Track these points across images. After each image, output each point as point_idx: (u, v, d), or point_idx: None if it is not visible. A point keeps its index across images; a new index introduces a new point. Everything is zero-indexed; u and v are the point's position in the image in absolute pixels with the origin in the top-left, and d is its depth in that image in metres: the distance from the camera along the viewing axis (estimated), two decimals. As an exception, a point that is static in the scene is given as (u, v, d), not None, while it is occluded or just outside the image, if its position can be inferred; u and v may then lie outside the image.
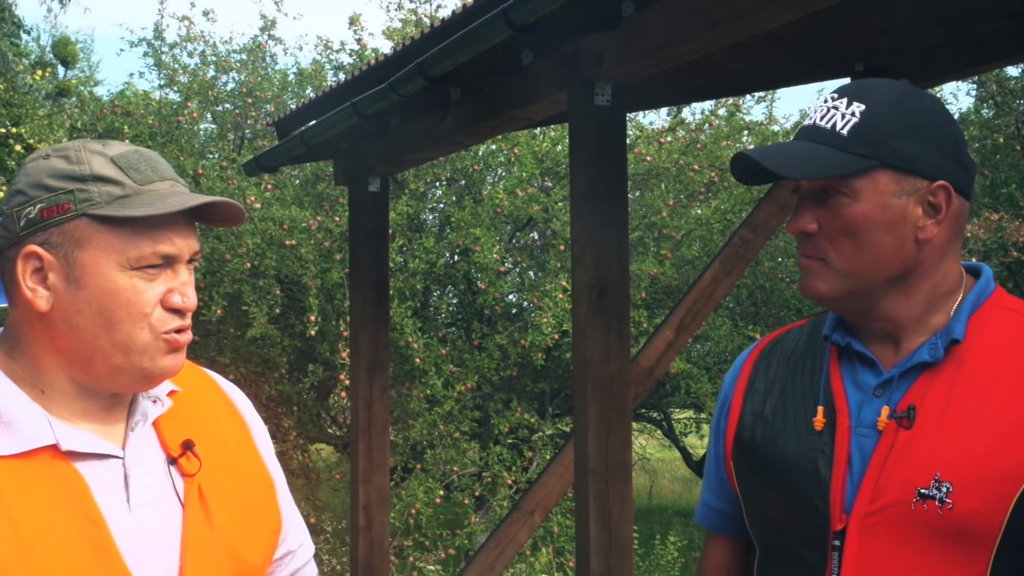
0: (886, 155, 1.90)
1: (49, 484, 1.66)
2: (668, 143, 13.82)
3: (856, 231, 1.92)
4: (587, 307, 4.65)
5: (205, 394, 1.94)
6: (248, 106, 14.72)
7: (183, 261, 1.76)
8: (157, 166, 1.77)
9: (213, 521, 1.78)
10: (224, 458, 1.86)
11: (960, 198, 1.94)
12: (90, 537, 1.66)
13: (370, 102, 5.75)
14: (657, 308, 13.74)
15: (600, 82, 4.63)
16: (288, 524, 1.97)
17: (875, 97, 1.94)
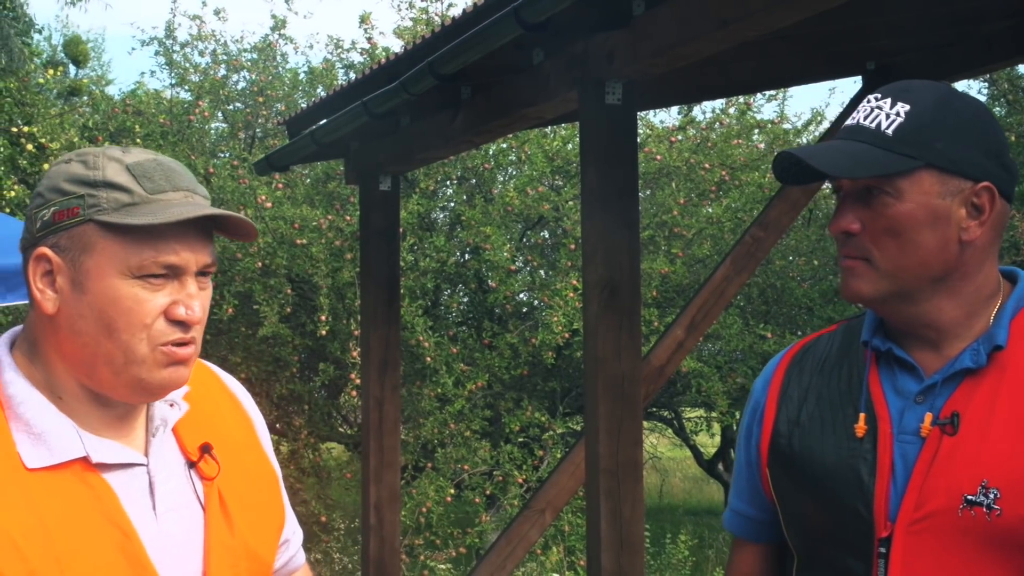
0: (931, 155, 1.89)
1: (81, 495, 1.68)
2: (679, 142, 13.81)
3: (900, 230, 1.91)
4: (598, 306, 4.65)
5: (210, 390, 1.94)
6: (259, 105, 14.74)
7: (190, 273, 1.75)
8: (172, 176, 1.76)
9: (233, 524, 1.81)
10: (235, 457, 1.88)
11: (1003, 200, 1.94)
12: (122, 547, 1.68)
13: (381, 101, 5.75)
14: (668, 307, 13.72)
15: (611, 81, 4.62)
16: (288, 515, 2.02)
17: (919, 97, 1.94)
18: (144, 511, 1.73)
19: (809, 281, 14.61)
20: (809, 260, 14.72)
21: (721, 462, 17.76)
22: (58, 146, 11.11)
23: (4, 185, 9.84)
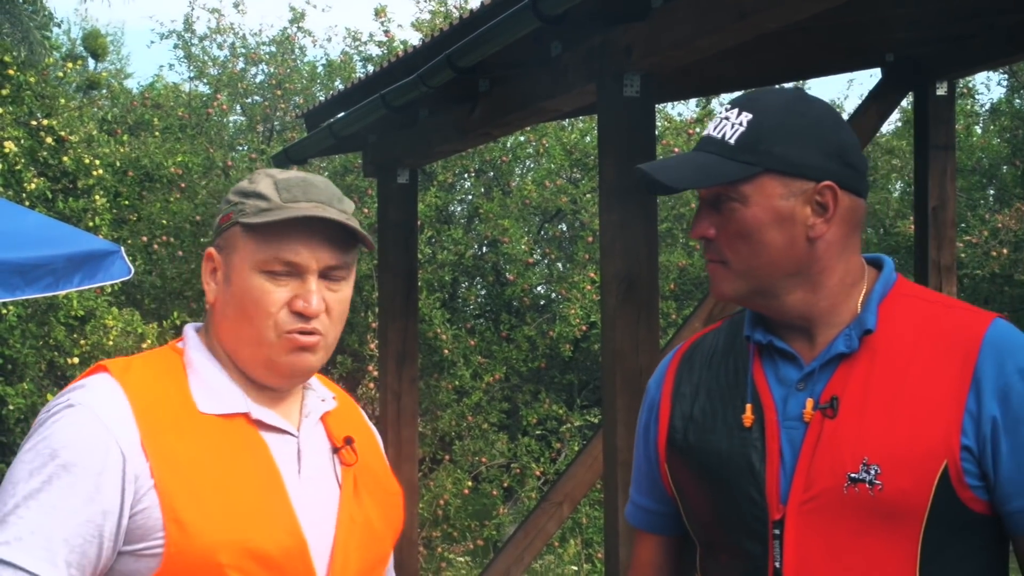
0: (770, 161, 1.99)
1: (240, 440, 1.98)
2: (697, 134, 13.78)
3: (748, 233, 2.01)
4: (616, 299, 4.64)
5: (353, 409, 2.24)
6: (277, 98, 14.76)
7: (311, 271, 2.00)
8: (310, 189, 2.02)
9: (362, 505, 2.06)
10: (368, 460, 2.13)
11: (850, 196, 2.03)
12: (272, 489, 1.97)
13: (399, 94, 5.75)
14: (686, 299, 13.71)
15: (629, 73, 4.61)
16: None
17: (763, 106, 2.05)
18: (291, 470, 2.01)
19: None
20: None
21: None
22: (77, 139, 11.14)
23: (24, 178, 9.86)
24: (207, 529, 1.89)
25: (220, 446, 1.96)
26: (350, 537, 2.01)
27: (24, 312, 9.48)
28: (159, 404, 1.97)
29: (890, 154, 14.78)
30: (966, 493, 1.93)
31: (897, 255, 14.51)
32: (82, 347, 9.86)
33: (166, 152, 13.39)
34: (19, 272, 5.84)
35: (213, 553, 1.89)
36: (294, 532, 1.95)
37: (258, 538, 1.92)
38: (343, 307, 2.05)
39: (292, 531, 1.95)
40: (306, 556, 1.95)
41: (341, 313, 2.05)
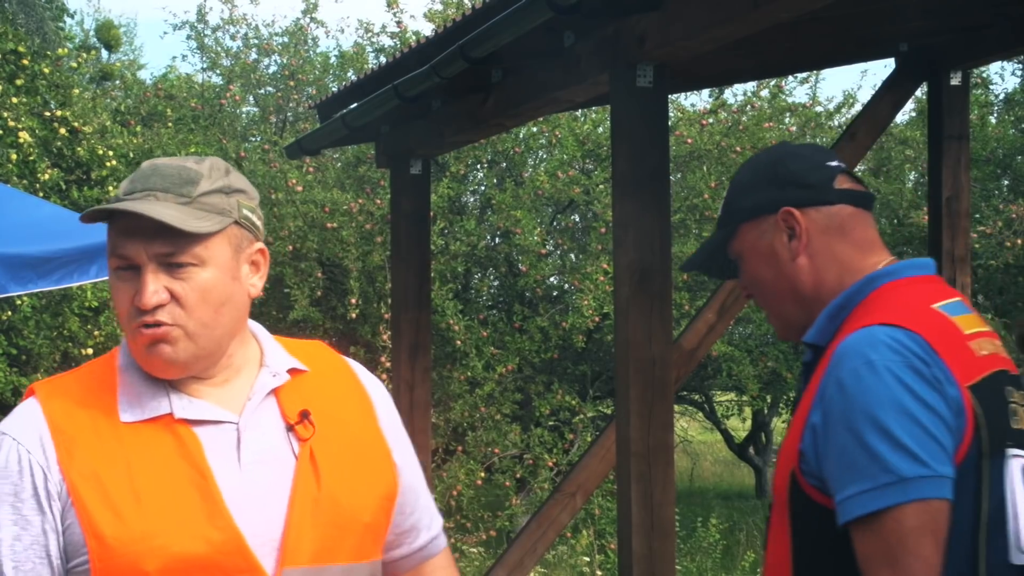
0: (739, 215, 2.33)
1: (165, 443, 1.94)
2: (710, 125, 13.76)
3: (755, 281, 2.34)
4: (629, 290, 4.64)
5: (336, 372, 2.15)
6: (290, 89, 14.76)
7: (144, 264, 1.94)
8: (150, 178, 1.97)
9: (321, 479, 1.98)
10: (340, 425, 2.06)
11: (813, 209, 2.26)
12: (196, 484, 1.92)
13: (411, 84, 5.75)
14: (699, 290, 13.69)
15: (642, 64, 4.60)
16: (410, 498, 2.16)
17: (734, 179, 2.41)
18: (227, 460, 1.96)
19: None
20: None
21: (752, 446, 17.75)
22: (91, 130, 11.15)
23: (39, 168, 9.88)
24: (128, 540, 1.88)
25: (140, 454, 1.93)
26: (303, 516, 1.95)
27: (38, 303, 9.50)
28: (78, 421, 1.96)
29: (904, 144, 14.75)
30: (811, 490, 2.09)
31: (911, 246, 14.49)
32: (96, 338, 9.88)
33: (179, 143, 13.40)
34: (31, 266, 5.86)
35: (138, 563, 1.88)
36: (224, 526, 1.91)
37: (183, 540, 1.89)
38: (198, 294, 1.95)
39: (222, 525, 1.91)
40: (242, 547, 1.91)
41: (197, 300, 1.95)
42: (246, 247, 2.03)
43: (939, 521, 2.00)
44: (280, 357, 2.09)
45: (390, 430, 2.15)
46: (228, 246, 2.00)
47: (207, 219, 1.96)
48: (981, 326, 2.20)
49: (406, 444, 2.18)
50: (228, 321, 2.01)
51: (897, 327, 2.07)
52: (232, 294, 2.01)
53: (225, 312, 2.00)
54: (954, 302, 2.20)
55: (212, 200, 1.99)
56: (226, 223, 1.99)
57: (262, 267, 2.05)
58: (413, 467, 2.17)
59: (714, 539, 11.35)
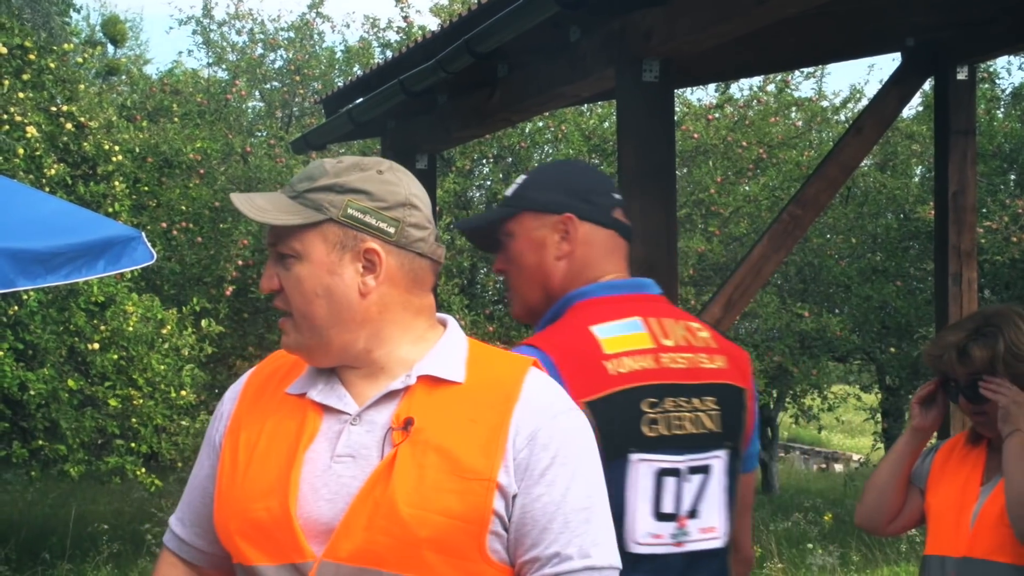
0: (525, 203, 2.63)
1: (293, 419, 2.09)
2: (716, 120, 13.76)
3: (513, 260, 2.66)
4: (635, 284, 4.63)
5: (493, 391, 2.10)
6: (296, 84, 14.77)
7: (271, 252, 2.12)
8: (298, 176, 2.14)
9: (390, 485, 1.99)
10: (443, 442, 2.03)
11: (586, 223, 2.62)
12: (285, 463, 2.04)
13: (417, 79, 5.75)
14: (705, 285, 13.69)
15: (648, 59, 4.60)
16: (531, 531, 2.05)
17: (535, 170, 2.76)
18: (323, 447, 2.05)
19: (847, 259, 14.55)
20: (847, 238, 14.65)
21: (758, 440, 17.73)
22: (97, 125, 11.14)
23: (45, 163, 9.88)
24: (229, 497, 2.09)
25: (275, 423, 2.10)
26: (359, 515, 1.99)
27: (45, 298, 9.50)
28: (265, 384, 2.18)
29: (910, 139, 14.74)
30: None
31: (917, 240, 14.49)
32: (103, 332, 9.88)
33: (185, 138, 13.41)
34: (40, 260, 5.86)
35: (229, 519, 2.08)
36: (283, 502, 2.01)
37: (256, 507, 2.04)
38: (295, 284, 2.08)
39: (282, 500, 2.02)
40: (289, 525, 2.00)
41: (293, 290, 2.08)
42: (351, 245, 2.07)
43: None
44: (431, 362, 2.10)
45: (518, 459, 2.06)
46: (323, 242, 2.08)
47: (298, 214, 2.08)
48: (642, 344, 2.54)
49: (555, 479, 2.06)
50: (325, 314, 2.07)
51: (533, 347, 2.45)
52: (330, 288, 2.07)
53: (321, 305, 2.07)
54: (625, 322, 2.57)
55: (316, 196, 2.08)
56: (316, 218, 2.07)
57: (379, 267, 2.08)
58: (550, 502, 2.06)
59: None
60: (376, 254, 2.07)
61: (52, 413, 9.72)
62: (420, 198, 2.15)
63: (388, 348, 2.10)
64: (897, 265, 14.47)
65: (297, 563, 2.01)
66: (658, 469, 2.51)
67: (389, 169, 2.15)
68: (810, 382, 14.67)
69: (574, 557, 2.04)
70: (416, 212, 2.12)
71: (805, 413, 16.84)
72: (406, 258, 2.10)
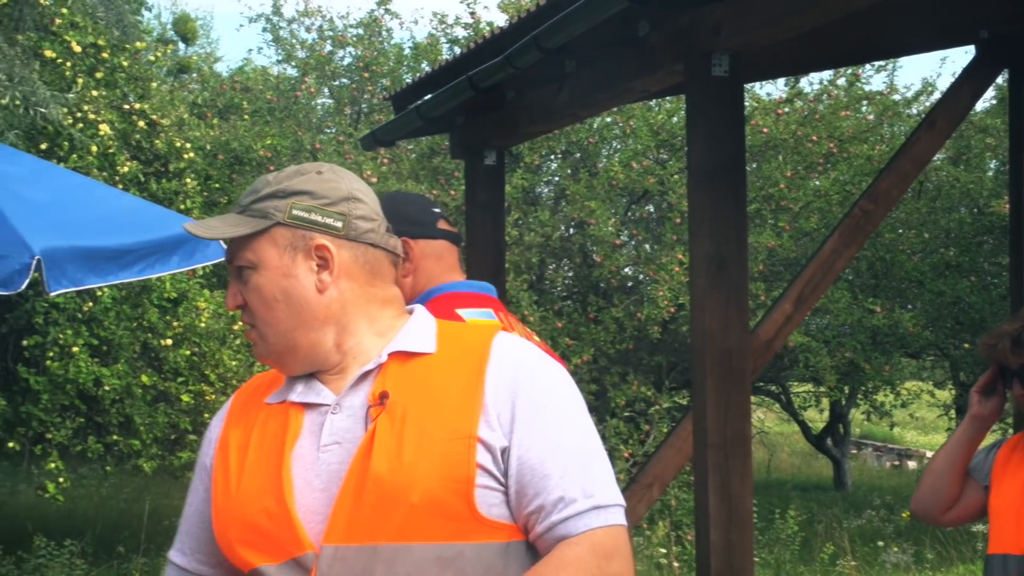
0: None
1: (277, 424, 2.12)
2: (786, 114, 13.67)
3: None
4: (705, 280, 4.63)
5: (463, 356, 2.14)
6: (364, 80, 14.84)
7: (231, 271, 2.17)
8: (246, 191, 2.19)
9: (371, 457, 2.02)
10: (420, 410, 2.07)
11: (420, 241, 3.10)
12: (275, 464, 2.08)
13: (486, 75, 5.76)
14: (775, 281, 13.62)
15: (717, 53, 4.59)
16: (532, 480, 2.06)
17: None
18: (308, 441, 2.08)
19: (919, 254, 14.41)
20: (920, 233, 14.51)
21: (830, 437, 17.61)
22: (168, 123, 11.28)
23: (118, 161, 10.01)
24: (225, 507, 2.12)
25: (260, 432, 2.13)
26: (346, 495, 2.02)
27: (118, 294, 9.62)
28: (248, 402, 2.21)
29: (984, 132, 14.58)
30: None
31: (992, 235, 14.33)
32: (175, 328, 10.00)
33: (255, 135, 13.53)
34: (112, 258, 5.93)
35: (228, 529, 2.11)
36: (279, 499, 2.04)
37: (253, 512, 2.07)
38: (253, 294, 2.13)
39: (278, 498, 2.05)
40: (287, 519, 2.03)
41: (254, 300, 2.13)
42: (301, 245, 2.12)
43: None
44: (400, 339, 2.14)
45: (501, 413, 2.07)
46: (274, 247, 2.12)
47: (244, 225, 2.13)
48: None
49: (546, 427, 2.09)
50: (287, 317, 2.12)
51: None
52: (287, 291, 2.11)
53: (281, 309, 2.12)
54: (482, 311, 3.01)
55: (262, 205, 2.14)
56: (263, 225, 2.12)
57: (332, 262, 2.12)
58: (545, 450, 2.07)
59: (792, 531, 11.28)
60: (327, 250, 2.12)
61: (126, 408, 9.85)
62: (364, 192, 2.20)
63: (356, 339, 2.14)
64: (971, 260, 14.32)
65: (298, 556, 2.03)
66: None
67: (329, 170, 2.19)
68: (882, 378, 14.55)
69: (578, 498, 2.05)
70: (361, 205, 2.17)
71: (877, 409, 16.71)
72: (359, 250, 2.15)
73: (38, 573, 9.01)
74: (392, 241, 2.20)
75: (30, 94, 8.38)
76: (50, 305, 9.38)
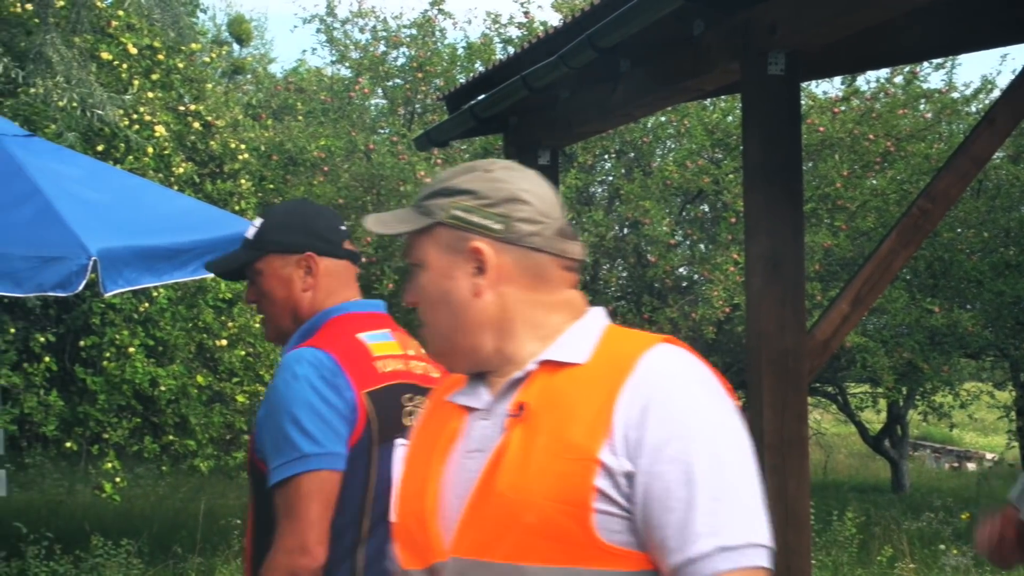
0: (271, 247, 3.11)
1: (440, 424, 2.12)
2: (842, 112, 13.59)
3: (264, 295, 3.15)
4: (761, 280, 4.61)
5: (609, 370, 2.01)
6: (418, 81, 14.87)
7: (410, 268, 2.16)
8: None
9: (498, 471, 1.98)
10: (553, 424, 1.98)
11: (325, 258, 3.12)
12: (427, 457, 2.09)
13: (540, 75, 5.76)
14: (831, 281, 13.54)
15: (774, 51, 4.57)
16: (655, 512, 1.92)
17: (271, 212, 3.22)
18: (460, 445, 2.07)
19: (979, 254, 14.27)
20: (979, 232, 14.38)
21: (887, 439, 17.48)
22: (223, 124, 11.36)
23: (173, 162, 10.10)
24: (397, 503, 2.14)
25: (427, 430, 2.16)
26: (473, 508, 1.98)
27: (174, 295, 9.70)
28: (439, 398, 2.21)
29: (1045, 130, 14.42)
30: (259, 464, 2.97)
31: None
32: (230, 329, 10.07)
33: (309, 136, 13.59)
34: (166, 258, 5.98)
35: (393, 528, 2.13)
36: (421, 500, 2.05)
37: (404, 513, 2.10)
38: (421, 293, 2.11)
39: (422, 504, 2.04)
40: (424, 521, 2.03)
41: (421, 300, 2.12)
42: (460, 246, 2.07)
43: (327, 486, 2.86)
44: (554, 348, 2.06)
45: (629, 435, 1.94)
46: (436, 247, 2.09)
47: (409, 222, 2.12)
48: (395, 351, 3.08)
49: (677, 454, 1.92)
50: (448, 320, 2.09)
51: (318, 349, 2.93)
52: (447, 293, 2.09)
53: (441, 311, 2.10)
54: (378, 332, 3.09)
55: (429, 203, 2.11)
56: (423, 223, 2.10)
57: (487, 267, 2.06)
58: (672, 480, 1.91)
59: (850, 533, 11.20)
60: (482, 253, 2.05)
61: (182, 409, 9.93)
62: (534, 193, 2.09)
63: (516, 344, 2.07)
64: (1032, 260, 14.18)
65: (434, 564, 2.00)
66: None
67: (500, 168, 2.12)
68: (941, 379, 14.43)
69: (702, 539, 1.90)
70: (525, 207, 2.07)
71: (936, 411, 16.58)
72: (520, 254, 2.07)
73: (95, 572, 9.09)
74: (562, 245, 2.10)
75: (87, 96, 8.47)
76: (107, 306, 9.47)
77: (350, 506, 2.90)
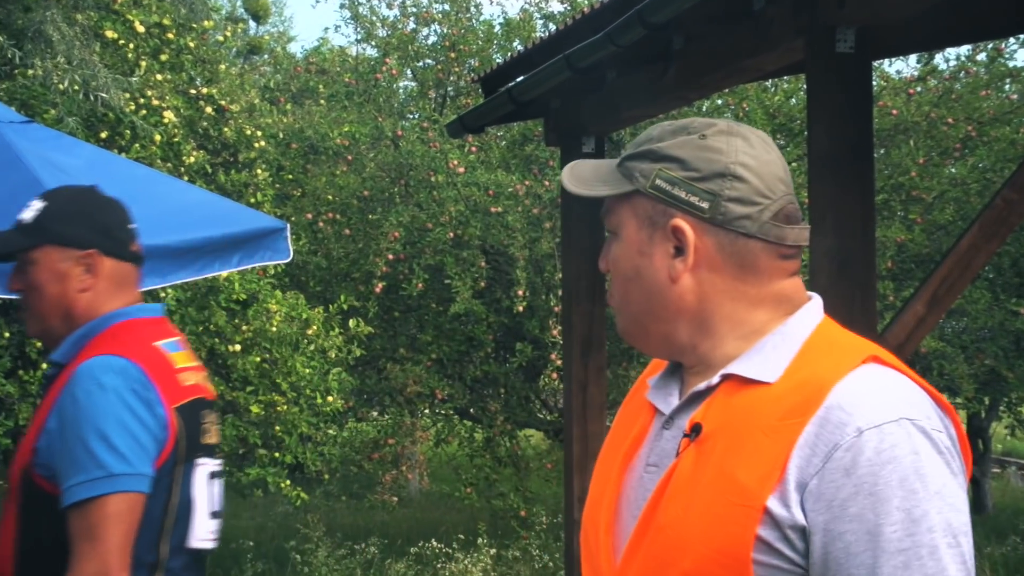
0: (50, 237, 3.07)
1: (632, 421, 2.09)
2: (918, 94, 13.52)
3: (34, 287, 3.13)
4: (827, 278, 4.59)
5: (795, 395, 1.88)
6: (451, 61, 14.87)
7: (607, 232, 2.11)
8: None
9: (663, 501, 1.90)
10: (725, 454, 1.87)
11: (110, 259, 3.11)
12: (617, 461, 2.04)
13: (584, 54, 5.76)
14: (905, 279, 13.47)
15: (842, 27, 4.55)
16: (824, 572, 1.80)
17: (53, 197, 3.18)
18: (643, 452, 2.03)
19: (1068, 250, 14.17)
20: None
21: (967, 454, 17.38)
22: (238, 108, 11.38)
23: (184, 151, 10.13)
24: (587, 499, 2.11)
25: (621, 422, 2.13)
26: (637, 537, 1.91)
27: (184, 296, 9.73)
28: (643, 380, 2.16)
29: None
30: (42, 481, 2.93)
31: None
32: (244, 333, 10.07)
33: (332, 122, 13.61)
34: (172, 256, 6.00)
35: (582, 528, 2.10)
36: (598, 509, 2.02)
37: (586, 520, 2.06)
38: (615, 266, 2.03)
39: (599, 508, 2.02)
40: (598, 534, 2.00)
41: (613, 271, 2.04)
42: (660, 222, 1.98)
43: (133, 509, 2.86)
44: (744, 360, 1.94)
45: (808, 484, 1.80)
46: (634, 217, 2.01)
47: (607, 183, 2.04)
48: (189, 362, 3.12)
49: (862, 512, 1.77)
50: (639, 300, 2.01)
51: (124, 358, 2.92)
52: (640, 271, 2.00)
53: (633, 289, 2.01)
54: (172, 341, 3.11)
55: (632, 164, 2.01)
56: (623, 189, 2.01)
57: (688, 248, 1.95)
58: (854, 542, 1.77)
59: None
60: (683, 233, 1.95)
61: (191, 420, 9.93)
62: (753, 167, 1.94)
63: (714, 342, 1.98)
64: None
65: None
66: (210, 472, 3.13)
67: (718, 133, 1.97)
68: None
69: None
70: (739, 184, 1.93)
71: (1022, 423, 16.48)
72: (726, 239, 1.95)
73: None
74: (779, 231, 1.95)
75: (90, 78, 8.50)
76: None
77: (149, 529, 2.94)
